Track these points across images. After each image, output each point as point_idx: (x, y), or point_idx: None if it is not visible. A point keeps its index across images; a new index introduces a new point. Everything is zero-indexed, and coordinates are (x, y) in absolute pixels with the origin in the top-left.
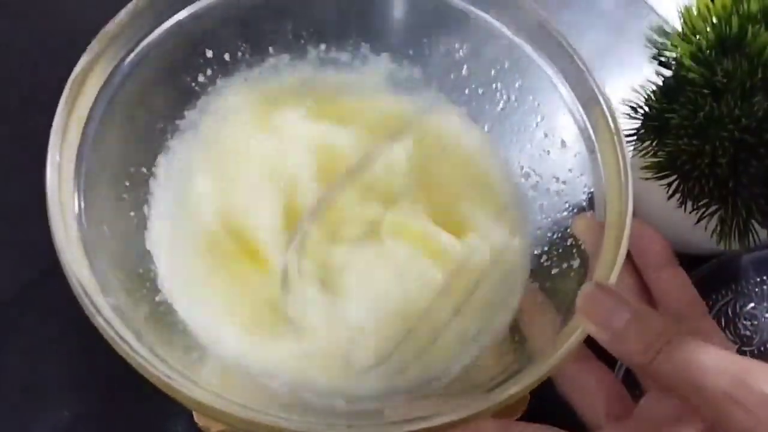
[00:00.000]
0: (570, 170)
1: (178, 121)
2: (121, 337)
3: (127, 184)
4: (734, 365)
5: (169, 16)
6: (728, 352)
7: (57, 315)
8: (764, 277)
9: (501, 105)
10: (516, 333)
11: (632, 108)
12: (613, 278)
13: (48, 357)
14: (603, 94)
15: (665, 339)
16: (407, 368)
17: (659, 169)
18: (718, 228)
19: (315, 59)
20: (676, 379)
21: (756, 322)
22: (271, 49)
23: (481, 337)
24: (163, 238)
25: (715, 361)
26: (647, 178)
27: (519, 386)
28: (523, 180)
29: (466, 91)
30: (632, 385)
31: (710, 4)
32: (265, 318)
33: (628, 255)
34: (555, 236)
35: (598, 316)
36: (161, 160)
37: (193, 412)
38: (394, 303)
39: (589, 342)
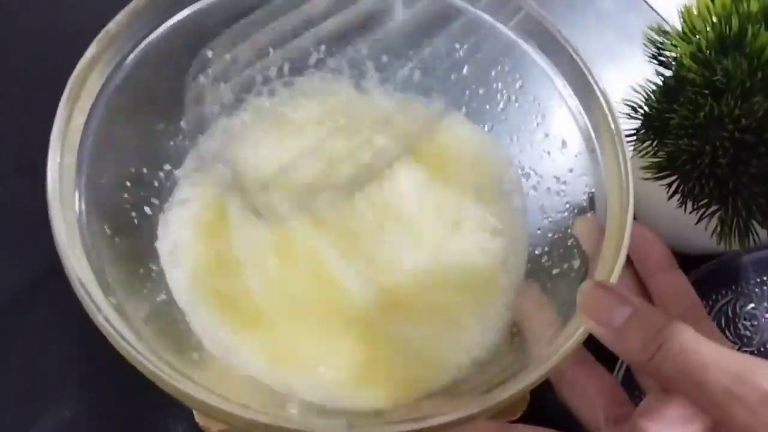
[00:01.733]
0: (570, 170)
1: (180, 122)
2: (121, 336)
3: (128, 183)
4: (734, 362)
5: (170, 16)
6: (728, 348)
7: (58, 314)
8: (764, 277)
9: (501, 105)
10: (516, 333)
11: (632, 108)
12: (613, 279)
13: (48, 357)
14: (603, 94)
15: (665, 336)
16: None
17: (659, 169)
18: (718, 228)
19: (315, 61)
20: (676, 375)
21: (756, 323)
22: (270, 50)
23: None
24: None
25: (715, 358)
26: (647, 178)
27: (519, 387)
28: (523, 180)
29: (466, 92)
30: (631, 387)
31: (710, 4)
32: (266, 317)
33: (628, 257)
34: (555, 236)
35: (598, 313)
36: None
37: (194, 412)
38: None
39: (588, 344)
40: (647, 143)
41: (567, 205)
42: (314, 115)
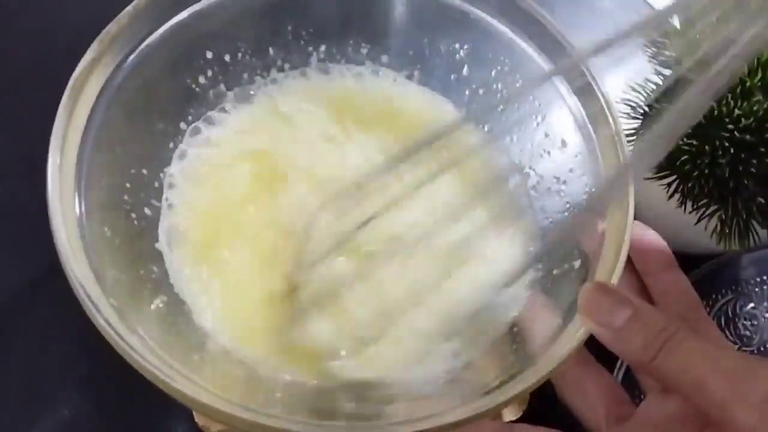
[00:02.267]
0: (570, 170)
1: (180, 122)
2: (121, 337)
3: (128, 185)
4: (735, 363)
5: (170, 17)
6: (729, 349)
7: (58, 314)
8: (764, 277)
9: (501, 105)
10: (516, 334)
11: (632, 107)
12: (614, 279)
13: (48, 357)
14: (603, 94)
15: (666, 337)
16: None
17: (659, 169)
18: (718, 228)
19: (316, 61)
20: (677, 377)
21: (756, 322)
22: (271, 50)
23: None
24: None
25: (716, 359)
26: (647, 178)
27: (519, 387)
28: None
29: (466, 91)
30: (631, 387)
31: None
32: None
33: (629, 257)
34: (555, 236)
35: (599, 314)
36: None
37: (193, 412)
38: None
39: (588, 344)
40: None
41: (567, 205)
42: (319, 116)
